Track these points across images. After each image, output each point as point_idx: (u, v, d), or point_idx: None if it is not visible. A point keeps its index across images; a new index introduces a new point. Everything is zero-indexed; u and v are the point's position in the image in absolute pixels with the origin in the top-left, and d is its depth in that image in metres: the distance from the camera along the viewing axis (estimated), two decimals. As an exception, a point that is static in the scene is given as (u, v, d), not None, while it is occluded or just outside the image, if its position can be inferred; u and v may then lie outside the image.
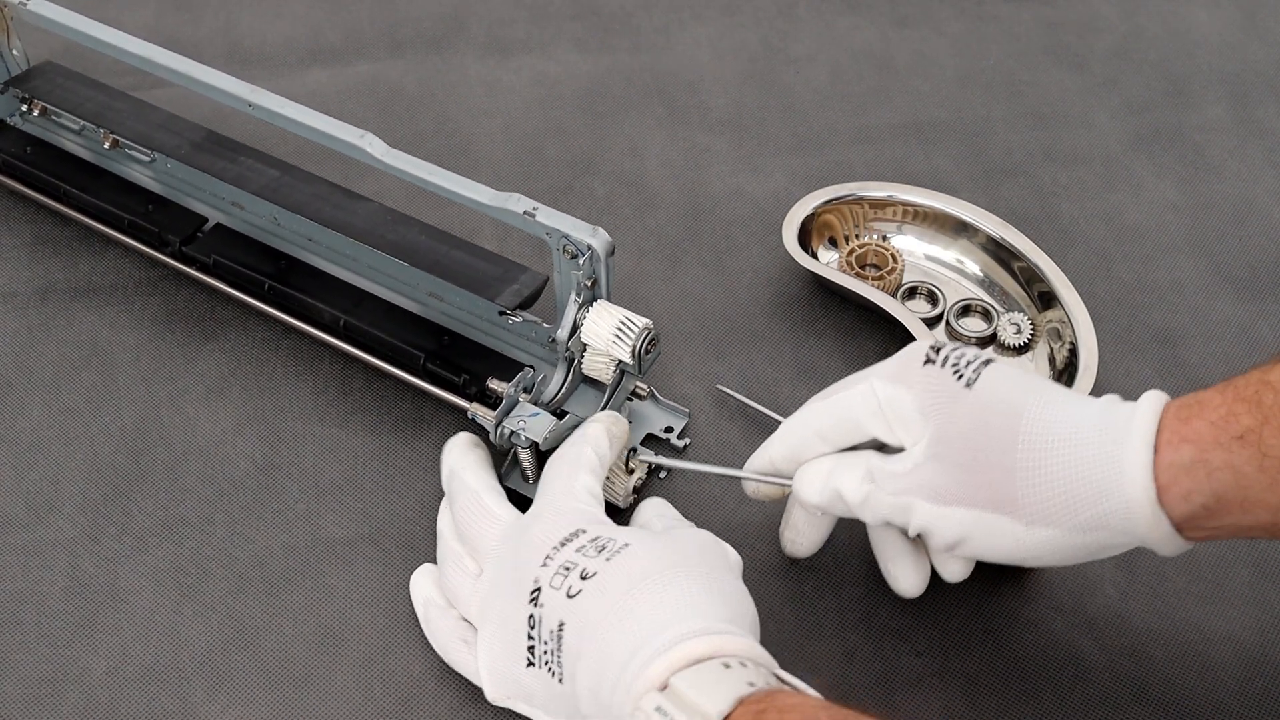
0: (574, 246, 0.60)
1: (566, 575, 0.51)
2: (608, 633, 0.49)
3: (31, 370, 0.71)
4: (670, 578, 0.50)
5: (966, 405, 0.52)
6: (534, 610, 0.52)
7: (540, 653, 0.52)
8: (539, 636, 0.51)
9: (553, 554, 0.53)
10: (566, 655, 0.50)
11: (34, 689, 0.58)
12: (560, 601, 0.51)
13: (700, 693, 0.45)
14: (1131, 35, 0.93)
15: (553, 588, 0.51)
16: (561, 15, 0.95)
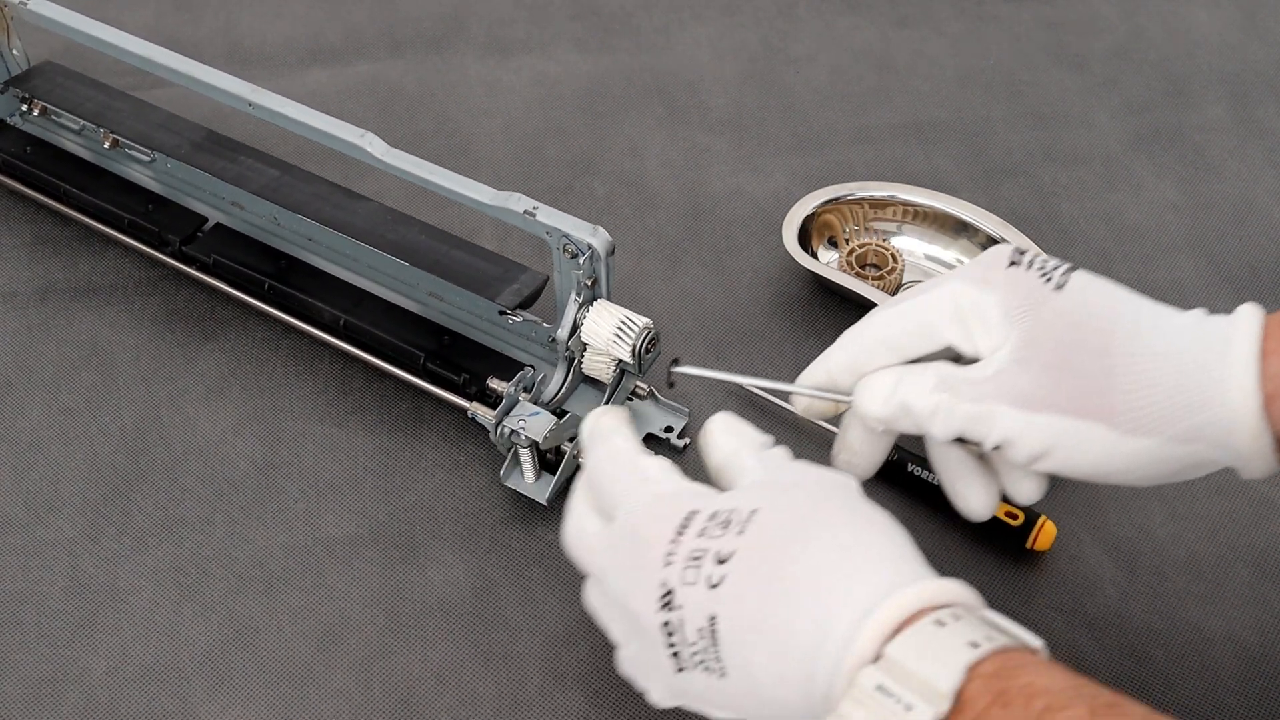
0: (574, 246, 0.60)
1: (699, 566, 0.46)
2: (777, 613, 0.43)
3: (31, 370, 0.71)
4: (822, 534, 0.45)
5: (1057, 308, 0.49)
6: (668, 616, 0.46)
7: (689, 655, 0.46)
8: (683, 641, 0.46)
9: (672, 549, 0.46)
10: (727, 649, 0.45)
11: (34, 689, 0.58)
12: (702, 596, 0.45)
13: (924, 662, 0.40)
14: (1131, 35, 0.93)
15: (687, 584, 0.45)
16: (561, 15, 0.95)
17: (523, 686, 0.58)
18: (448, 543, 0.63)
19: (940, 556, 0.62)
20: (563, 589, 0.61)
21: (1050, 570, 0.62)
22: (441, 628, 0.60)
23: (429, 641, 0.60)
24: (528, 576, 0.62)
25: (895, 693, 0.40)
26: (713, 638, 0.45)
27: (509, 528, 0.64)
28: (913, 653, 0.40)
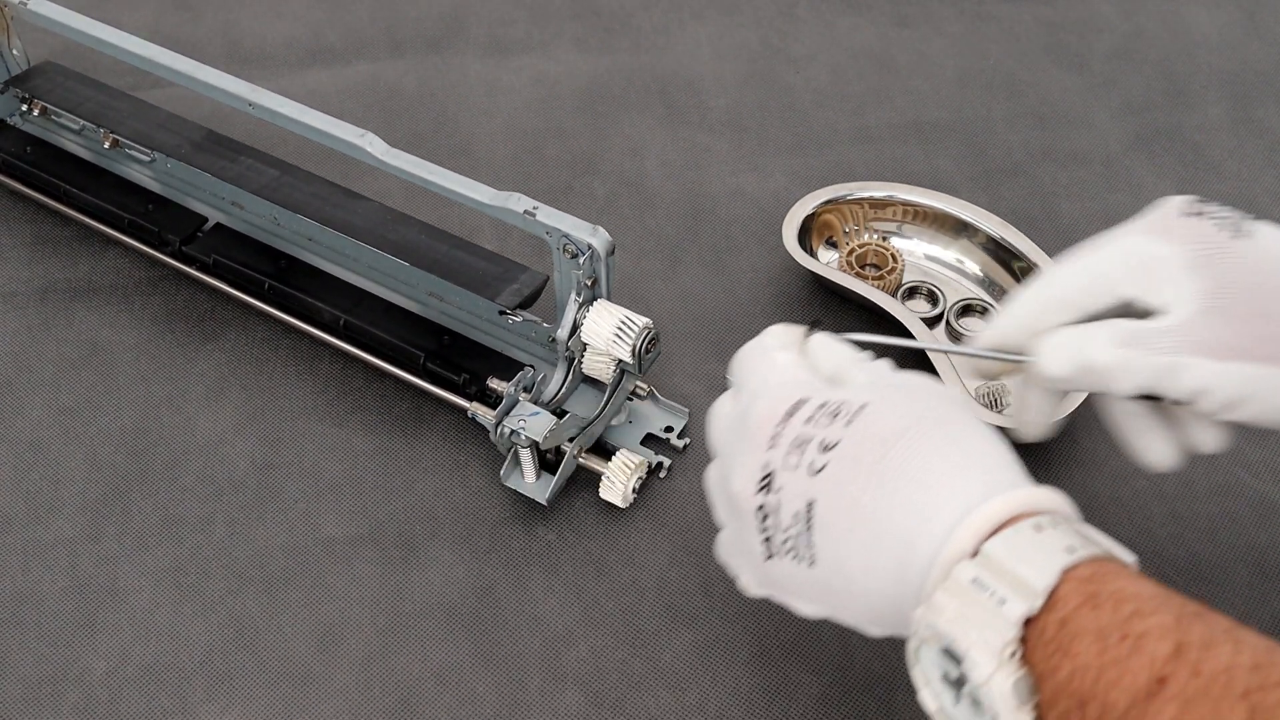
0: (574, 246, 0.60)
1: (803, 451, 0.46)
2: (877, 502, 0.44)
3: (31, 370, 0.71)
4: (930, 431, 0.45)
5: (1244, 254, 0.48)
6: (765, 499, 0.46)
7: (780, 542, 0.46)
8: (776, 525, 0.46)
9: (778, 432, 0.47)
10: (820, 536, 0.45)
11: (34, 689, 0.58)
12: (802, 481, 0.45)
13: (1020, 561, 0.40)
14: (1131, 35, 0.93)
15: (789, 468, 0.46)
16: (561, 15, 0.95)
17: (522, 686, 0.58)
18: (448, 543, 0.63)
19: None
20: (563, 589, 0.61)
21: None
22: (441, 628, 0.60)
23: (429, 641, 0.60)
24: (528, 576, 0.62)
25: (990, 586, 0.40)
26: (807, 524, 0.45)
27: (509, 528, 0.64)
28: (1010, 552, 0.41)
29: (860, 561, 0.44)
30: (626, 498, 0.63)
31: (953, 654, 0.41)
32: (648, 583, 0.62)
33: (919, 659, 0.43)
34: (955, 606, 0.41)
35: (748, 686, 0.58)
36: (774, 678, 0.58)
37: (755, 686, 0.58)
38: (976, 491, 0.43)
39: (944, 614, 0.41)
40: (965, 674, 0.41)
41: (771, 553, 0.47)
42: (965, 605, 0.41)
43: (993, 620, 0.40)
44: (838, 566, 0.45)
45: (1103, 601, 0.39)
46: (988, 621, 0.40)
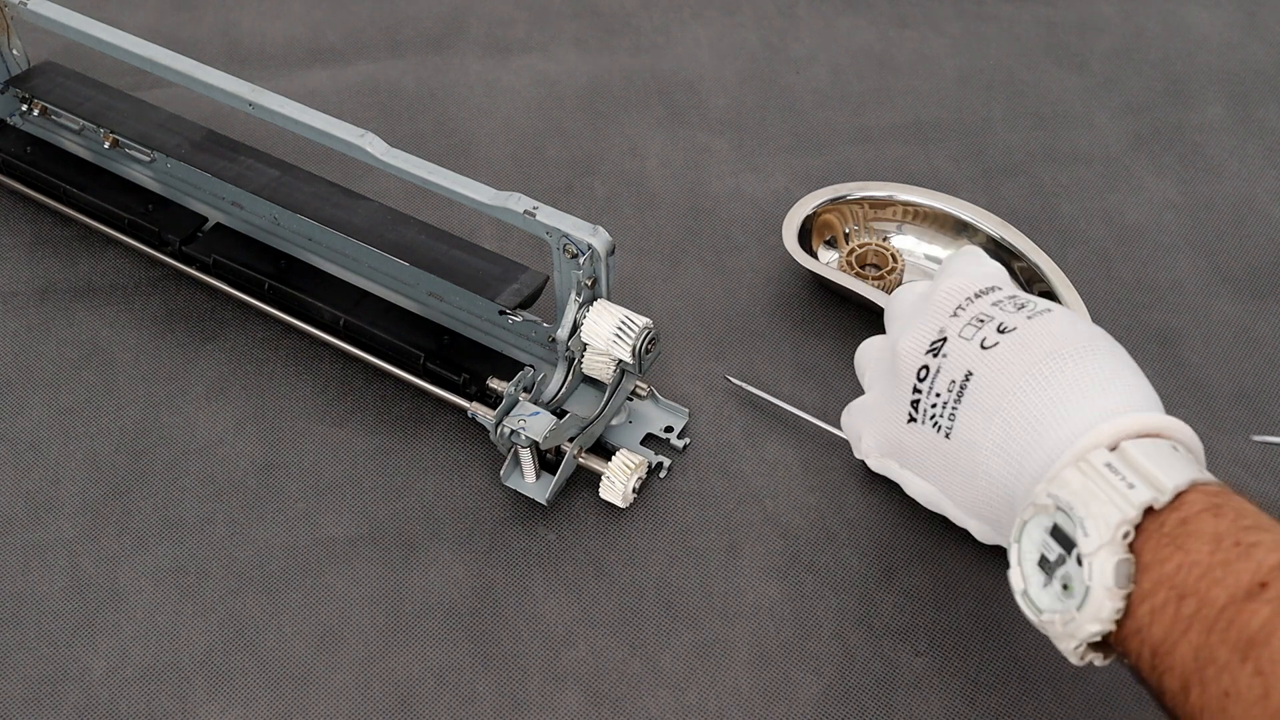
0: (574, 246, 0.60)
1: (980, 327, 0.50)
2: (1031, 389, 0.47)
3: (31, 370, 0.71)
4: (1098, 348, 0.48)
5: None
6: (930, 361, 0.50)
7: (925, 407, 0.50)
8: (929, 389, 0.50)
9: (965, 305, 0.51)
10: (967, 409, 0.48)
11: (34, 689, 0.58)
12: (971, 352, 0.49)
13: (1154, 463, 0.43)
14: (1131, 35, 0.93)
15: (963, 338, 0.50)
16: (561, 15, 0.95)
17: (522, 686, 0.58)
18: (448, 543, 0.63)
19: (934, 554, 0.62)
20: (563, 589, 0.61)
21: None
22: (441, 628, 0.60)
23: (429, 641, 0.60)
24: (528, 576, 0.62)
25: (1122, 471, 0.43)
26: (959, 393, 0.49)
27: (509, 528, 0.64)
28: (1146, 454, 0.43)
29: (993, 440, 0.47)
30: (626, 498, 0.63)
31: (1061, 533, 0.43)
32: (647, 583, 0.62)
33: (1021, 535, 0.45)
34: (1083, 482, 0.43)
35: (747, 687, 0.58)
36: (773, 678, 0.58)
37: (754, 687, 0.58)
38: (1126, 403, 0.46)
39: (1069, 486, 0.43)
40: (1074, 540, 0.42)
41: (914, 416, 0.51)
42: (1093, 482, 0.43)
43: (1117, 499, 0.42)
44: (970, 441, 0.48)
45: (1225, 511, 0.41)
46: (1111, 499, 0.42)
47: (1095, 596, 0.42)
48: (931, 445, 0.50)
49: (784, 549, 0.63)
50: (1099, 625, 0.42)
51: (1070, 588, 0.43)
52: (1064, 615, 0.43)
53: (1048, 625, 0.44)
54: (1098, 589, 0.42)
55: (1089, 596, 0.42)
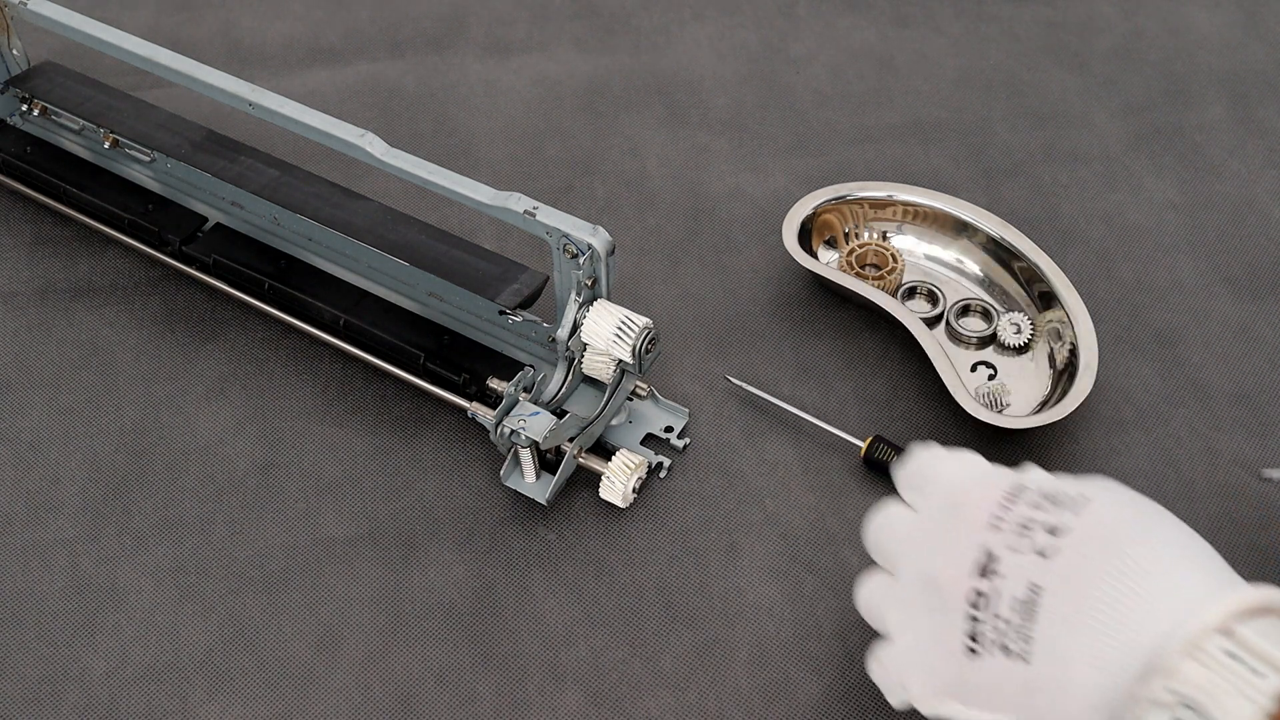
0: (574, 246, 0.60)
1: (1029, 534, 0.45)
2: (1112, 589, 0.43)
3: (31, 370, 0.71)
4: (1158, 527, 0.46)
5: None
6: (983, 584, 0.45)
7: (990, 634, 0.45)
8: (989, 615, 0.45)
9: (1001, 514, 0.46)
10: (1045, 626, 0.44)
11: (34, 689, 0.58)
12: (1030, 564, 0.44)
13: (1273, 645, 0.41)
14: (1131, 35, 0.93)
15: (1015, 551, 0.45)
16: (561, 15, 0.95)
17: (522, 686, 0.58)
18: (448, 543, 0.63)
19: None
20: (563, 589, 0.61)
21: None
22: (441, 628, 0.60)
23: (429, 641, 0.60)
24: (528, 576, 0.62)
25: (1243, 659, 0.40)
26: (1031, 612, 0.44)
27: (509, 528, 0.64)
28: (1264, 635, 0.41)
29: (1083, 649, 0.44)
30: (626, 498, 0.63)
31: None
32: (647, 583, 0.62)
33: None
34: (1205, 675, 0.41)
35: (747, 687, 0.58)
36: (773, 678, 0.58)
37: (754, 687, 0.58)
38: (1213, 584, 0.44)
39: (1192, 681, 0.41)
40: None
41: (978, 647, 0.46)
42: (1217, 674, 0.41)
43: (1248, 690, 0.40)
44: (1056, 659, 0.44)
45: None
46: (1242, 691, 0.40)
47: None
48: (1006, 674, 0.45)
49: (784, 549, 0.63)
50: None
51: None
52: None
53: None
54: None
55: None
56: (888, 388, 0.70)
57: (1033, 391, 0.69)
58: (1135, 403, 0.69)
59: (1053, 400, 0.67)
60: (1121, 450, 0.67)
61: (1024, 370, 0.70)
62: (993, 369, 0.70)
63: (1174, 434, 0.68)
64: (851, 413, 0.69)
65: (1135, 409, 0.69)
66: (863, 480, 0.66)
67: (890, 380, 0.71)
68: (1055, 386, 0.68)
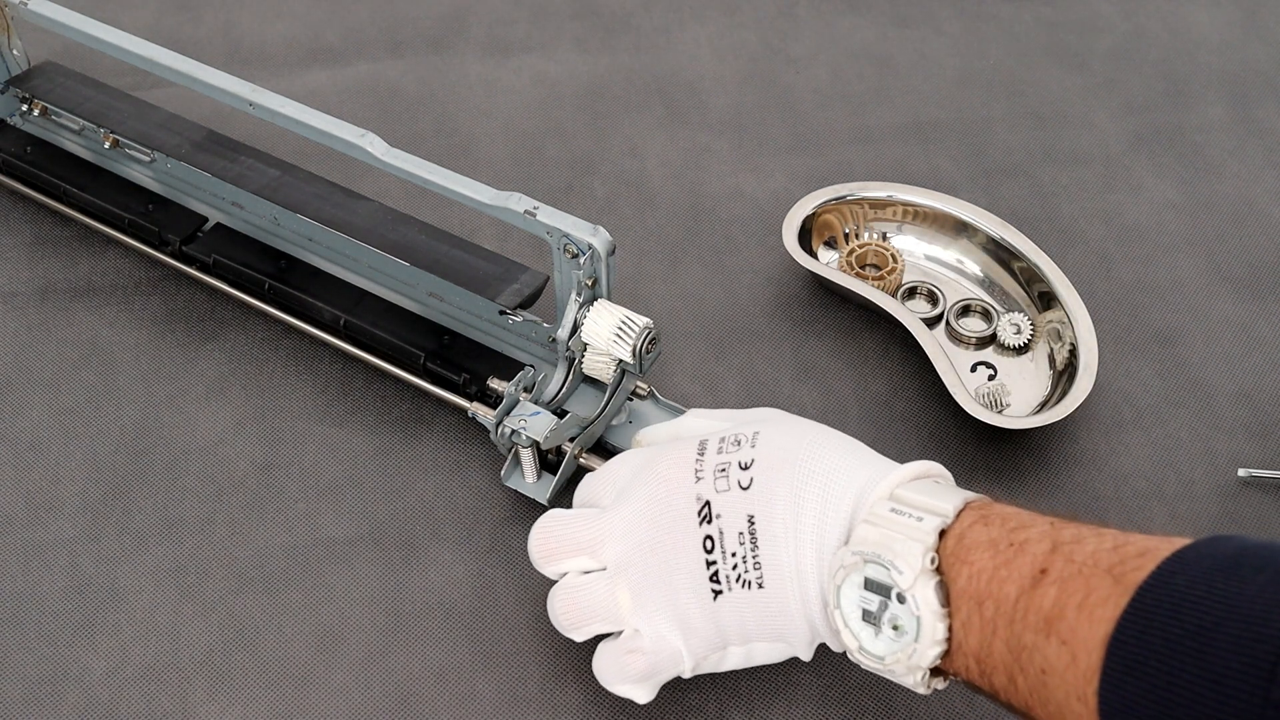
0: (575, 246, 0.60)
1: (726, 475, 0.52)
2: (808, 495, 0.50)
3: (31, 370, 0.71)
4: (823, 438, 0.52)
5: None
6: (708, 530, 0.51)
7: (729, 569, 0.51)
8: (724, 552, 0.51)
9: (699, 466, 0.53)
10: (766, 547, 0.50)
11: (34, 689, 0.58)
12: (737, 498, 0.51)
13: (928, 497, 0.48)
14: (1131, 35, 0.93)
15: (720, 492, 0.52)
16: (561, 15, 0.95)
17: (523, 685, 0.58)
18: (448, 543, 0.63)
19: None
20: (563, 589, 0.61)
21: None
22: (441, 627, 0.60)
23: (429, 641, 0.60)
24: (528, 576, 0.62)
25: (906, 511, 0.47)
26: (753, 539, 0.50)
27: (509, 528, 0.64)
28: (919, 493, 0.48)
29: (808, 555, 0.49)
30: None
31: (875, 583, 0.47)
32: (648, 583, 0.62)
33: (839, 601, 0.48)
34: (879, 532, 0.47)
35: (747, 687, 0.58)
36: (773, 678, 0.58)
37: (754, 687, 0.58)
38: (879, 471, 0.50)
39: (869, 539, 0.47)
40: (890, 584, 0.46)
41: (721, 587, 0.51)
42: (888, 529, 0.47)
43: (913, 533, 0.46)
44: (787, 574, 0.50)
45: (992, 519, 0.47)
46: (909, 535, 0.46)
47: (927, 622, 0.46)
48: (750, 603, 0.51)
49: (784, 549, 0.63)
50: (937, 647, 0.46)
51: (900, 626, 0.46)
52: (905, 650, 0.46)
53: (892, 667, 0.47)
54: (927, 614, 0.46)
55: (921, 625, 0.46)
56: (888, 388, 0.70)
57: (1033, 392, 0.69)
58: (1135, 403, 0.69)
59: (1053, 400, 0.67)
60: (1121, 450, 0.67)
61: (1024, 370, 0.70)
62: (993, 369, 0.70)
63: (1174, 434, 0.68)
64: (851, 413, 0.69)
65: (1135, 409, 0.69)
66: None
67: (890, 380, 0.71)
68: (1055, 387, 0.68)
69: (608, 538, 0.54)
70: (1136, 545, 0.43)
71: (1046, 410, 0.66)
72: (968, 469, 0.66)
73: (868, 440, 0.67)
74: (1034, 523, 0.46)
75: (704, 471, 0.52)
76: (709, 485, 0.52)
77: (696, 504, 0.52)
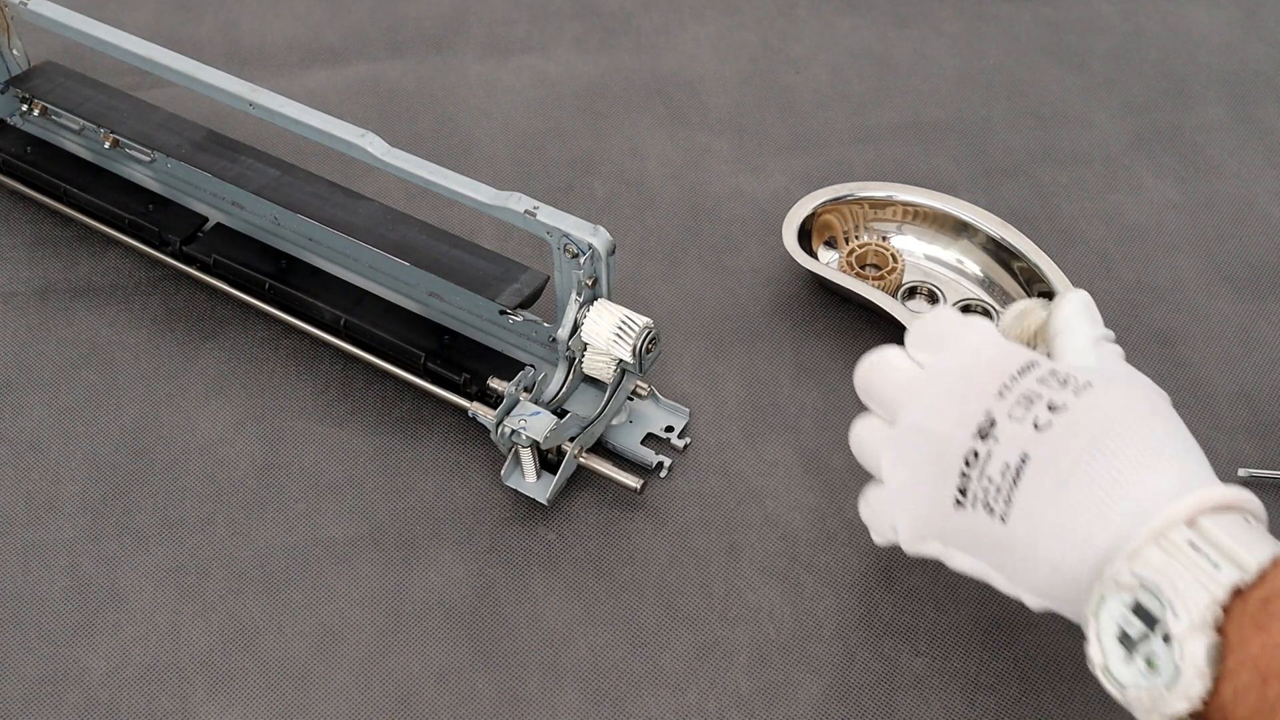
0: (575, 245, 0.60)
1: (1030, 406, 0.48)
2: (1092, 469, 0.46)
3: (31, 370, 0.71)
4: (1148, 418, 0.47)
5: None
6: (980, 446, 0.48)
7: (975, 491, 0.48)
8: (980, 473, 0.48)
9: (1010, 384, 0.49)
10: (1025, 493, 0.47)
11: (34, 689, 0.58)
12: (1025, 434, 0.47)
13: (1236, 540, 0.42)
14: (1131, 35, 0.93)
15: (1013, 419, 0.48)
16: (561, 15, 0.95)
17: (522, 685, 0.58)
18: (448, 543, 0.63)
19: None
20: (563, 589, 0.61)
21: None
22: (441, 628, 0.60)
23: (429, 641, 0.60)
24: (528, 576, 0.62)
25: (1205, 550, 0.42)
26: (1016, 477, 0.47)
27: (509, 528, 0.64)
28: (1224, 530, 0.43)
29: (1056, 522, 0.46)
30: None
31: (1145, 610, 0.42)
32: (647, 583, 0.62)
33: (1100, 610, 0.44)
34: (1167, 561, 0.42)
35: (747, 687, 0.58)
36: (773, 678, 0.58)
37: (754, 687, 0.58)
38: (1190, 478, 0.45)
39: (1153, 565, 0.43)
40: (1163, 622, 0.42)
41: (961, 501, 0.49)
42: (1178, 562, 0.42)
43: (1205, 580, 0.41)
44: (1030, 525, 0.47)
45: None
46: (1199, 580, 0.41)
47: (1186, 677, 0.41)
48: (985, 529, 0.48)
49: (784, 549, 0.63)
50: (1188, 704, 0.42)
51: (1155, 665, 0.42)
52: (1151, 691, 0.42)
53: (1131, 700, 0.43)
54: (1189, 670, 0.41)
55: (1179, 676, 0.42)
56: (888, 388, 0.70)
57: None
58: (1135, 403, 0.69)
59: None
60: (1121, 450, 0.67)
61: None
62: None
63: (1174, 434, 0.68)
64: (852, 413, 0.69)
65: (1135, 409, 0.69)
66: (862, 480, 0.66)
67: (890, 380, 0.71)
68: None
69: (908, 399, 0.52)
70: None
71: (1046, 410, 0.66)
72: (968, 469, 0.66)
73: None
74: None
75: (1011, 391, 0.48)
76: (1005, 405, 0.48)
77: (983, 416, 0.48)
